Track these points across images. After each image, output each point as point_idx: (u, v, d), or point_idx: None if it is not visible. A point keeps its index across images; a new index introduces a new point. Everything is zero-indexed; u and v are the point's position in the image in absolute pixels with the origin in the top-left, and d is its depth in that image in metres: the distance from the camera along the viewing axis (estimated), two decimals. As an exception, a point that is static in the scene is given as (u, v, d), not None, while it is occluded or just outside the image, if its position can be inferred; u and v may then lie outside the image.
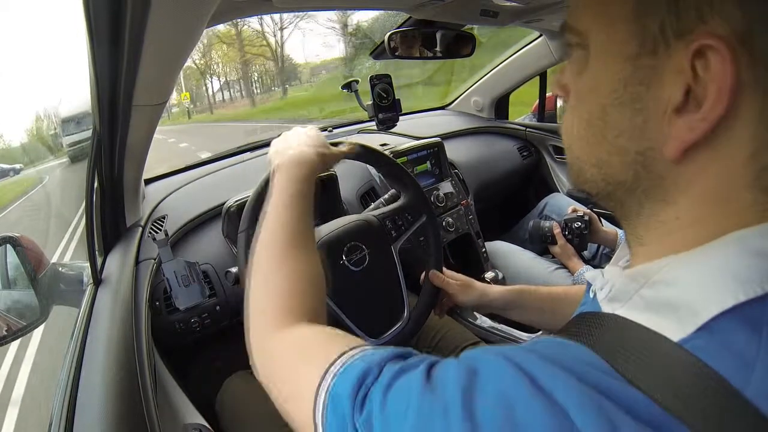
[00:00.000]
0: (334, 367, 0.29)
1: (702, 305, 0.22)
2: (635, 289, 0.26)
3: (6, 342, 0.60)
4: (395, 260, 0.73)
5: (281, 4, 0.68)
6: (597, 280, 0.32)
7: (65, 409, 0.47)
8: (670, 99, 0.24)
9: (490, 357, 0.25)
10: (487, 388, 0.23)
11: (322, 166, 0.56)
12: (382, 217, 0.74)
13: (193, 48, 0.47)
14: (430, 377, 0.25)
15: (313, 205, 0.51)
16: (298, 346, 0.35)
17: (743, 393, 0.20)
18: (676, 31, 0.23)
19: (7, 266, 0.65)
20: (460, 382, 0.23)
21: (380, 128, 1.13)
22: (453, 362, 0.26)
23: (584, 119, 0.28)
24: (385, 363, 0.28)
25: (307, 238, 0.47)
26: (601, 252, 1.18)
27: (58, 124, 5.97)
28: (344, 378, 0.28)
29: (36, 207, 5.58)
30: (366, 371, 0.27)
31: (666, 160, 0.25)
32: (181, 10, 0.37)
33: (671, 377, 0.21)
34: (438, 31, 0.98)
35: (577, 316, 0.31)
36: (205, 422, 0.62)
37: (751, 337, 0.21)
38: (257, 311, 0.41)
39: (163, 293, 0.77)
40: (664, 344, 0.23)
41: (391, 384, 0.26)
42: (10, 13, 10.92)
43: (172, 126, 18.89)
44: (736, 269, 0.22)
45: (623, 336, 0.25)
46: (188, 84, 22.25)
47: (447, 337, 0.84)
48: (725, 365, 0.21)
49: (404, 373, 0.26)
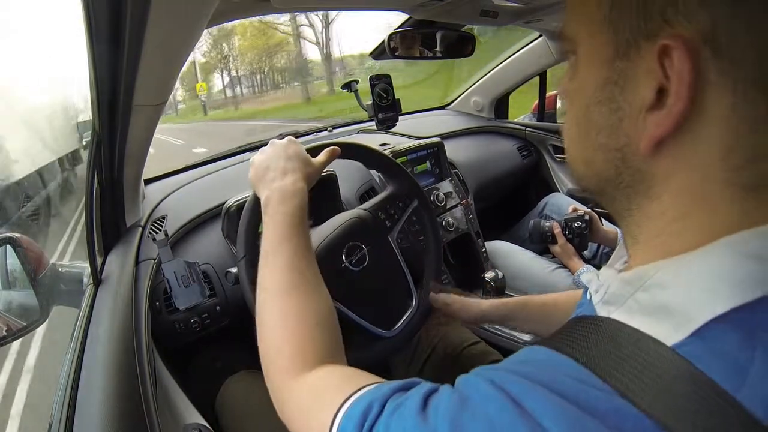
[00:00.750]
0: (344, 407, 0.30)
1: (696, 310, 0.22)
2: (630, 292, 0.27)
3: (6, 342, 0.60)
4: (394, 249, 0.73)
5: (280, 5, 0.68)
6: (593, 283, 0.32)
7: (65, 409, 0.47)
8: (644, 98, 0.25)
9: (478, 381, 0.26)
10: (475, 414, 0.24)
11: (309, 185, 0.54)
12: (374, 209, 0.73)
13: (193, 48, 0.47)
14: (426, 406, 0.26)
15: (309, 234, 0.50)
16: (312, 393, 0.36)
17: (736, 398, 0.20)
18: (644, 35, 0.24)
19: (7, 266, 0.65)
20: (450, 410, 0.25)
21: (380, 128, 1.14)
22: (447, 391, 0.27)
23: (573, 120, 0.30)
24: (389, 396, 0.28)
25: (310, 273, 0.46)
26: (601, 251, 1.18)
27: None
28: (351, 414, 0.29)
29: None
30: (369, 406, 0.28)
31: (642, 155, 0.26)
32: (181, 10, 0.37)
33: (664, 383, 0.22)
34: (438, 31, 0.98)
35: (572, 320, 0.31)
36: (205, 422, 0.61)
37: (744, 342, 0.21)
38: (269, 357, 0.42)
39: (163, 293, 0.77)
40: (658, 349, 0.23)
41: (391, 417, 0.27)
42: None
43: (183, 124, 17.07)
44: (730, 274, 0.23)
45: (617, 340, 0.25)
46: (201, 77, 20.94)
47: (447, 337, 0.84)
48: (718, 370, 0.21)
49: (403, 404, 0.27)
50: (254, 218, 0.60)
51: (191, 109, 21.77)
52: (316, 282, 0.46)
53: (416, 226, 0.79)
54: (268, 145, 0.58)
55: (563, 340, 0.28)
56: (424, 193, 0.77)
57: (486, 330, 0.86)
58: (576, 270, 1.05)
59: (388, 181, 0.77)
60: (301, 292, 0.44)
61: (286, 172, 0.53)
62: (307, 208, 0.51)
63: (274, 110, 16.55)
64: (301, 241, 0.48)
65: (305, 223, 0.50)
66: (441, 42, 1.00)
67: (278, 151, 0.56)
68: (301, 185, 0.52)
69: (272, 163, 0.54)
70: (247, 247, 0.60)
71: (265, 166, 0.54)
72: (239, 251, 0.60)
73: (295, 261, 0.46)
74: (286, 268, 0.45)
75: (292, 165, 0.54)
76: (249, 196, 0.62)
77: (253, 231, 0.61)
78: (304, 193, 0.52)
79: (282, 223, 0.48)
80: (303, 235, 0.48)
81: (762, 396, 0.20)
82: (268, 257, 0.46)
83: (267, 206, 0.50)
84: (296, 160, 0.55)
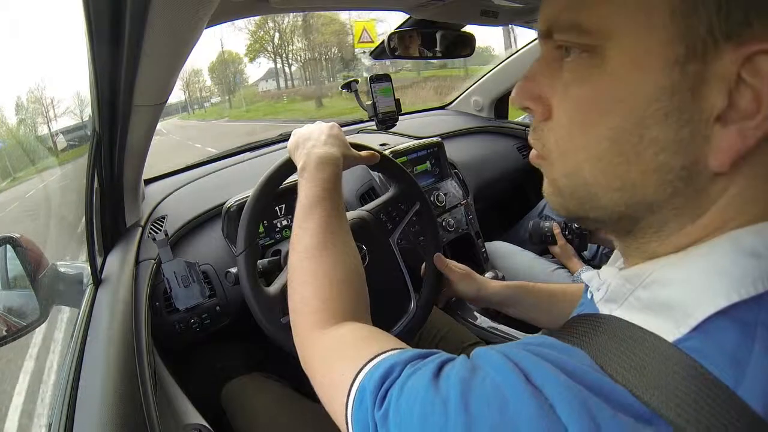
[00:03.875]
0: (368, 365, 0.30)
1: (696, 306, 0.22)
2: (630, 290, 0.27)
3: (6, 343, 0.60)
4: (394, 252, 0.73)
5: (279, 5, 0.68)
6: (593, 282, 0.32)
7: (65, 409, 0.47)
8: (714, 106, 0.22)
9: (491, 353, 0.26)
10: (485, 382, 0.24)
11: (344, 166, 0.56)
12: (376, 211, 0.73)
13: (193, 48, 0.46)
14: (439, 374, 0.26)
15: (343, 200, 0.51)
16: (337, 346, 0.37)
17: (737, 393, 0.20)
18: (724, 33, 0.21)
19: (7, 266, 0.65)
20: (461, 377, 0.25)
21: (380, 128, 1.13)
22: (462, 360, 0.27)
23: (605, 137, 0.25)
24: (408, 362, 0.29)
25: (343, 234, 0.48)
26: (601, 252, 1.18)
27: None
28: (372, 375, 0.29)
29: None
30: (390, 369, 0.28)
31: (710, 173, 0.23)
32: (181, 10, 0.37)
33: (665, 378, 0.22)
34: (438, 31, 0.98)
35: (574, 317, 0.31)
36: (205, 422, 0.61)
37: (743, 337, 0.21)
38: (298, 312, 0.43)
39: (163, 293, 0.77)
40: (659, 344, 0.23)
41: (406, 381, 0.27)
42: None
43: (230, 120, 15.19)
44: (730, 269, 0.23)
45: (619, 337, 0.25)
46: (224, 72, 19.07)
47: (447, 337, 0.84)
48: (718, 365, 0.21)
49: (419, 370, 0.27)
50: (281, 176, 0.62)
51: (218, 108, 19.96)
52: (347, 242, 0.48)
53: (416, 227, 0.80)
54: (313, 124, 0.61)
55: (567, 335, 0.28)
56: (426, 197, 0.77)
57: (486, 330, 0.86)
58: (576, 270, 1.06)
59: (390, 183, 0.77)
60: (331, 251, 0.45)
61: (326, 143, 0.55)
62: (341, 180, 0.53)
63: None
64: (334, 204, 0.49)
65: (339, 189, 0.52)
66: (441, 42, 1.00)
67: (322, 127, 0.59)
68: (338, 156, 0.54)
69: (314, 134, 0.57)
70: (246, 241, 0.60)
71: (306, 136, 0.57)
72: (239, 245, 0.61)
73: (328, 222, 0.47)
74: (319, 229, 0.46)
75: (332, 140, 0.56)
76: (251, 192, 0.63)
77: (255, 222, 0.61)
78: (341, 167, 0.54)
79: (317, 186, 0.50)
80: (337, 198, 0.50)
81: (761, 391, 0.20)
82: (302, 217, 0.48)
83: (304, 170, 0.52)
84: (337, 139, 0.57)
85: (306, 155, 0.53)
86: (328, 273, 0.43)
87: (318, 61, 20.47)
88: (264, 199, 0.62)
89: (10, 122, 4.73)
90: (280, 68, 21.69)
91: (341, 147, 0.56)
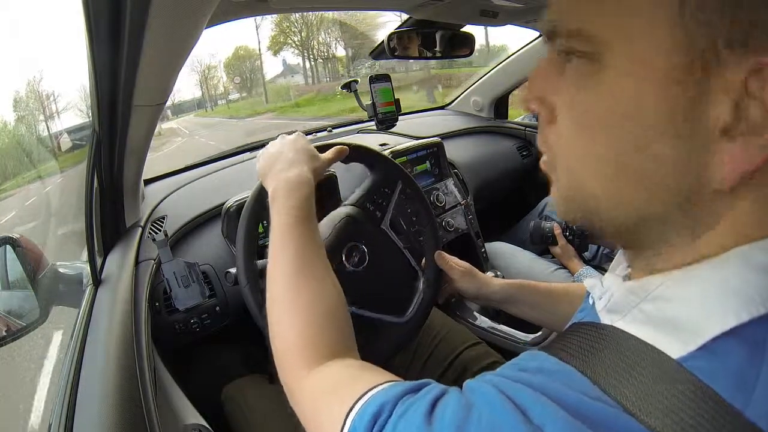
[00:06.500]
0: (356, 407, 0.29)
1: (703, 324, 0.22)
2: (635, 302, 0.26)
3: (6, 343, 0.60)
4: (391, 237, 0.73)
5: (278, 5, 0.68)
6: (596, 289, 0.31)
7: (65, 409, 0.47)
8: (718, 120, 0.21)
9: (486, 388, 0.25)
10: (480, 422, 0.23)
11: (316, 178, 0.54)
12: (361, 202, 0.71)
13: (192, 48, 0.47)
14: (433, 412, 0.25)
15: (317, 225, 0.50)
16: (322, 389, 0.35)
17: (744, 414, 0.20)
18: (727, 43, 0.20)
19: (7, 266, 0.65)
20: (456, 417, 0.24)
21: (380, 128, 1.14)
22: (455, 396, 0.26)
23: (606, 149, 0.24)
24: (400, 398, 0.28)
25: (319, 263, 0.46)
26: (601, 252, 1.18)
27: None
28: (362, 415, 0.28)
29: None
30: (381, 408, 0.28)
31: (714, 191, 0.22)
32: (181, 10, 0.37)
33: (671, 399, 0.21)
34: (438, 31, 0.98)
35: (574, 325, 0.30)
36: (205, 422, 0.61)
37: (752, 357, 0.21)
38: (280, 351, 0.41)
39: (163, 294, 0.77)
40: (663, 361, 0.22)
41: (397, 423, 0.26)
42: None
43: (270, 118, 12.88)
44: (739, 287, 0.22)
45: (621, 350, 0.24)
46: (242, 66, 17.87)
47: (447, 337, 0.84)
48: (726, 386, 0.20)
49: (411, 407, 0.26)
50: (257, 210, 0.60)
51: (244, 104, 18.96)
52: (325, 272, 0.45)
53: (407, 207, 0.78)
54: (277, 139, 0.59)
55: (566, 347, 0.27)
56: (406, 173, 0.75)
57: (486, 331, 0.86)
58: (576, 271, 1.05)
59: (368, 170, 0.74)
60: (307, 283, 0.43)
61: (293, 163, 0.53)
62: (314, 201, 0.51)
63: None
64: (308, 232, 0.47)
65: (312, 215, 0.50)
66: (441, 42, 1.00)
67: (287, 144, 0.57)
68: (308, 177, 0.52)
69: (281, 155, 0.55)
70: (246, 273, 0.58)
71: (274, 157, 0.55)
72: (240, 279, 0.59)
73: (302, 252, 0.45)
74: (293, 259, 0.45)
75: (299, 157, 0.54)
76: (250, 193, 0.62)
77: (252, 247, 0.60)
78: (311, 185, 0.52)
79: (289, 214, 0.48)
80: (310, 225, 0.48)
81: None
82: (276, 249, 0.46)
83: (274, 198, 0.50)
84: (304, 153, 0.55)
85: (275, 181, 0.51)
86: (309, 308, 0.41)
87: (349, 58, 20.02)
88: (250, 235, 0.60)
89: (9, 122, 4.69)
90: (300, 64, 21.10)
91: (309, 161, 0.55)
